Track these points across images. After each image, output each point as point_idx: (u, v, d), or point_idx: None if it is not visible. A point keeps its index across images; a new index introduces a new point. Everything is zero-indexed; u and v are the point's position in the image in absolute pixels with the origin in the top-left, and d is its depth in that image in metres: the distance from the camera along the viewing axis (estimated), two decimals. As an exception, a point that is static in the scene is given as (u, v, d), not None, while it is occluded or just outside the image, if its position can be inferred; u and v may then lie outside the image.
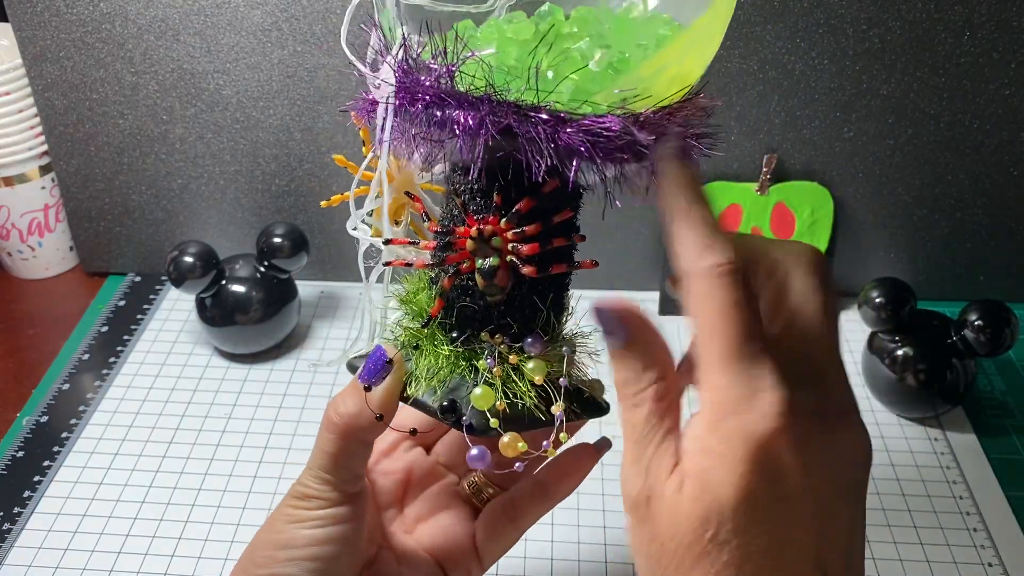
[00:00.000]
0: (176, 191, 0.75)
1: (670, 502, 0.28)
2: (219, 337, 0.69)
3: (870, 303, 0.62)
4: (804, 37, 0.66)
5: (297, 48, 0.68)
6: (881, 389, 0.64)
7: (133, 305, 0.76)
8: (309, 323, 0.74)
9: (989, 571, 0.54)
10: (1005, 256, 0.74)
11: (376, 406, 0.35)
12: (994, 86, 0.67)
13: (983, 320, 0.59)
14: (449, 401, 0.35)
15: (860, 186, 0.72)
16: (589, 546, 0.55)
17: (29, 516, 0.56)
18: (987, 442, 0.63)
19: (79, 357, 0.70)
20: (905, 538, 0.56)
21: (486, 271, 0.34)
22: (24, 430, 0.63)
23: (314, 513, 0.38)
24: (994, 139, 0.69)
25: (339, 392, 0.38)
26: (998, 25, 0.65)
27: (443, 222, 0.36)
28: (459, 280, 0.35)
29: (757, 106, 0.68)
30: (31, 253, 0.78)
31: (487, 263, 0.34)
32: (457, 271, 0.35)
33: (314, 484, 0.38)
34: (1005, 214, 0.72)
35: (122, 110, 0.71)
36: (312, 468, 0.38)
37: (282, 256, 0.68)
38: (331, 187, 0.74)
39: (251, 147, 0.72)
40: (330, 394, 0.67)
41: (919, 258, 0.75)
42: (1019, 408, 0.67)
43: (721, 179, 0.71)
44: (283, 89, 0.70)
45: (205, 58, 0.69)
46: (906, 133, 0.69)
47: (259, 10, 0.67)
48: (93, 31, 0.68)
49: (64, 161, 0.74)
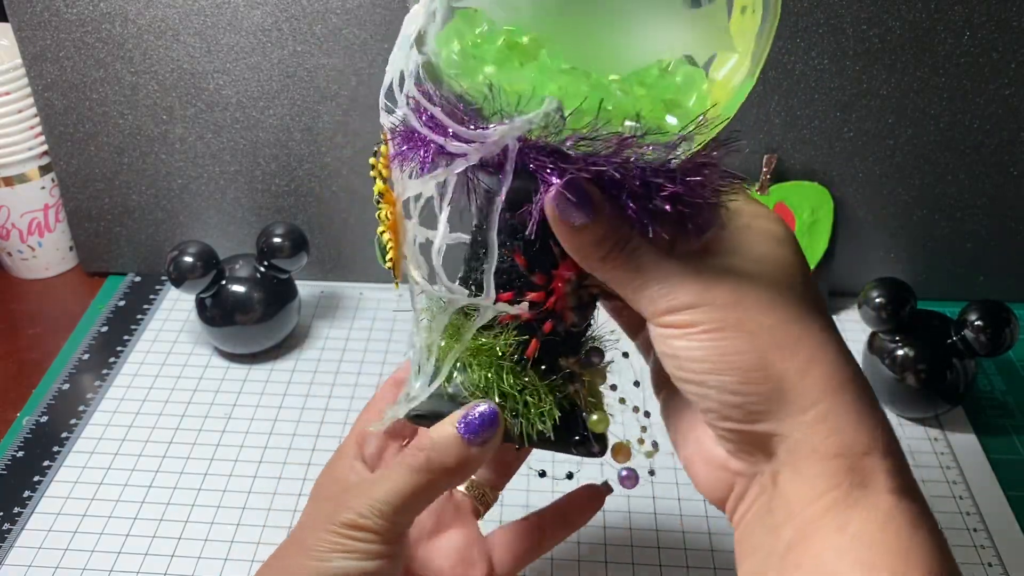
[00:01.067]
0: (176, 191, 0.75)
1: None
2: (219, 337, 0.69)
3: (870, 303, 0.62)
4: (804, 37, 0.66)
5: (297, 48, 0.68)
6: (881, 389, 0.64)
7: (133, 305, 0.76)
8: (309, 323, 0.74)
9: (989, 571, 0.54)
10: (1005, 256, 0.74)
11: (479, 461, 0.36)
12: (994, 86, 0.67)
13: (983, 320, 0.59)
14: (595, 435, 0.37)
15: (860, 186, 0.72)
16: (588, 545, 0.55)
17: (29, 516, 0.56)
18: (987, 442, 0.63)
19: (79, 357, 0.70)
20: (905, 538, 0.56)
21: (584, 307, 0.37)
22: (24, 430, 0.63)
23: (368, 547, 0.35)
24: (994, 139, 0.69)
25: (426, 436, 0.36)
26: (998, 25, 0.65)
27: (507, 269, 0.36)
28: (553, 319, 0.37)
29: (757, 106, 0.68)
30: (31, 253, 0.78)
31: (583, 299, 0.36)
32: (555, 313, 0.36)
33: (374, 517, 0.35)
34: (1005, 214, 0.72)
35: (122, 110, 0.71)
36: (375, 500, 0.36)
37: (282, 256, 0.68)
38: (331, 187, 0.74)
39: (251, 147, 0.72)
40: (329, 394, 0.67)
41: (919, 258, 0.75)
42: (1019, 408, 0.67)
43: (721, 179, 0.71)
44: (283, 89, 0.70)
45: (205, 58, 0.69)
46: (906, 133, 0.69)
47: (259, 10, 0.67)
48: (93, 31, 0.68)
49: (64, 161, 0.74)
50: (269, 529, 0.56)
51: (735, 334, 0.31)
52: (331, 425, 0.64)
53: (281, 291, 0.69)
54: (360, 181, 0.73)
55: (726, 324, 0.31)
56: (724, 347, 0.31)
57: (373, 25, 0.67)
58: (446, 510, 0.44)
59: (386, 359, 0.70)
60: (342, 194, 0.74)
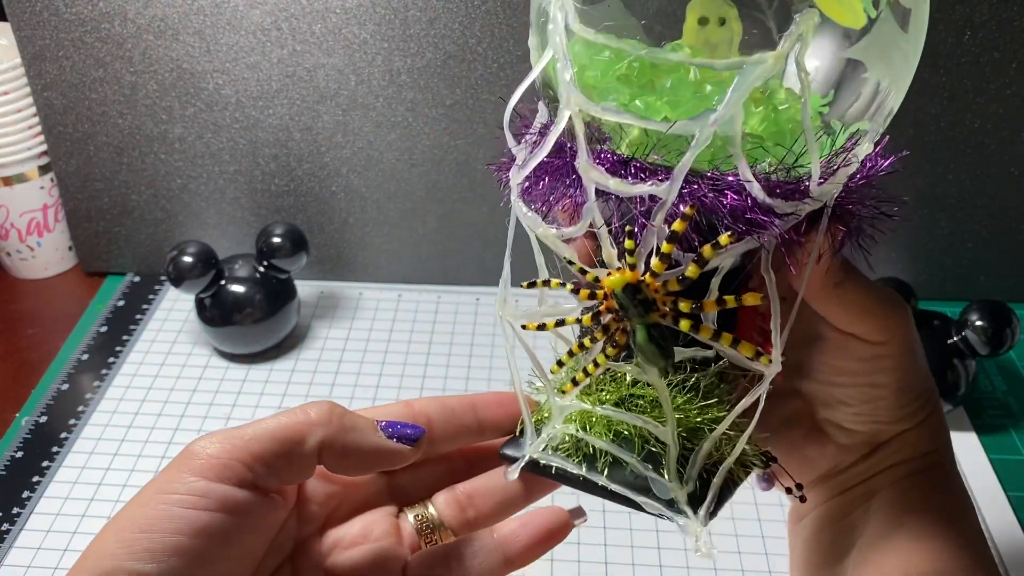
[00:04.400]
0: (175, 191, 0.75)
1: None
2: (218, 337, 0.69)
3: (870, 303, 0.62)
4: (804, 37, 0.66)
5: (296, 48, 0.68)
6: (881, 389, 0.64)
7: (132, 305, 0.76)
8: (308, 323, 0.74)
9: (990, 571, 0.54)
10: (1006, 256, 0.74)
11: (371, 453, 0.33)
12: (994, 86, 0.67)
13: (984, 320, 0.59)
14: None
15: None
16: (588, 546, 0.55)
17: (28, 516, 0.56)
18: (987, 442, 0.63)
19: (78, 357, 0.69)
20: (906, 538, 0.56)
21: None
22: (23, 430, 0.63)
23: (217, 489, 0.31)
24: (994, 139, 0.69)
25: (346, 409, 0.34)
26: (998, 25, 0.64)
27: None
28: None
29: (757, 106, 0.68)
30: (30, 253, 0.78)
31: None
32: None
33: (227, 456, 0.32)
34: (1006, 214, 0.72)
35: (121, 110, 0.71)
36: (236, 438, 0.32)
37: (281, 256, 0.68)
38: (331, 187, 0.74)
39: (250, 147, 0.72)
40: (329, 394, 0.67)
41: (919, 258, 0.75)
42: (1020, 408, 0.67)
43: (721, 179, 0.71)
44: (282, 89, 0.70)
45: (204, 58, 0.69)
46: (907, 133, 0.69)
47: (258, 9, 0.67)
48: (92, 30, 0.68)
49: (63, 161, 0.74)
50: (269, 529, 0.56)
51: (915, 355, 0.38)
52: (331, 425, 0.64)
53: (280, 291, 0.69)
54: (360, 181, 0.73)
55: (909, 348, 0.37)
56: (907, 365, 0.37)
57: (373, 25, 0.67)
58: (377, 523, 0.37)
59: (386, 359, 0.70)
60: (342, 194, 0.74)
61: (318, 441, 0.32)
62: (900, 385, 0.38)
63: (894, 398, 0.38)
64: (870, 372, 0.38)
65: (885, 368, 0.37)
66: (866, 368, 0.37)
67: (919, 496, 0.38)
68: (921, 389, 0.39)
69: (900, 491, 0.38)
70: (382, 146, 0.71)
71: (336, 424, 0.33)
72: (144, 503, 0.31)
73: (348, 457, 0.33)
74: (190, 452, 0.32)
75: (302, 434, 0.32)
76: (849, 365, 0.38)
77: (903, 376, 0.38)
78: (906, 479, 0.39)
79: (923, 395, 0.39)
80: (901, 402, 0.38)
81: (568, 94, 0.29)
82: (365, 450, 0.33)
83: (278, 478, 0.32)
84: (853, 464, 0.40)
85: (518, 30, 0.66)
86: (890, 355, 0.37)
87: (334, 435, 0.33)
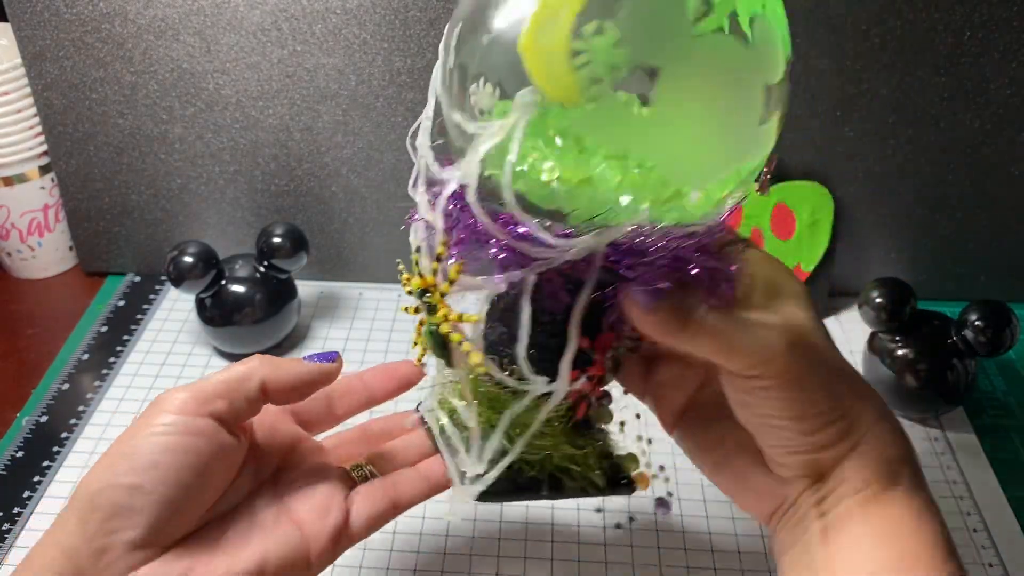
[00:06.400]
0: (175, 191, 0.75)
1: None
2: (219, 337, 0.69)
3: (870, 303, 0.62)
4: (804, 37, 0.66)
5: (297, 48, 0.68)
6: (881, 389, 0.64)
7: (133, 305, 0.76)
8: (309, 323, 0.74)
9: (989, 571, 0.54)
10: (1005, 256, 0.74)
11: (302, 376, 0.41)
12: (994, 86, 0.67)
13: (983, 320, 0.59)
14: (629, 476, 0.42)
15: (860, 186, 0.72)
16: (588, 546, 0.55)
17: (29, 516, 0.56)
18: (987, 442, 0.63)
19: (79, 357, 0.70)
20: (905, 538, 0.56)
21: (617, 368, 0.41)
22: (24, 430, 0.63)
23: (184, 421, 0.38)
24: (994, 139, 0.69)
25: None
26: (998, 25, 0.65)
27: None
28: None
29: (757, 106, 0.68)
30: (30, 253, 0.78)
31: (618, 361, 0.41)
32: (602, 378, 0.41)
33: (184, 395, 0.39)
34: (1005, 214, 0.72)
35: (121, 110, 0.71)
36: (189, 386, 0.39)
37: (282, 256, 0.68)
38: (331, 187, 0.74)
39: (251, 147, 0.72)
40: (330, 394, 0.67)
41: (919, 258, 0.75)
42: (1020, 408, 0.67)
43: (721, 179, 0.71)
44: (283, 89, 0.70)
45: (204, 58, 0.69)
46: (906, 133, 0.69)
47: (258, 10, 0.67)
48: (92, 31, 0.68)
49: (63, 161, 0.74)
50: (269, 529, 0.56)
51: (812, 383, 0.36)
52: (331, 425, 0.64)
53: (281, 291, 0.69)
54: (360, 181, 0.73)
55: (802, 376, 0.36)
56: (802, 396, 0.36)
57: (373, 25, 0.67)
58: (318, 472, 0.44)
59: (386, 358, 0.70)
60: (342, 194, 0.74)
61: (261, 378, 0.40)
62: (797, 414, 0.36)
63: (796, 427, 0.36)
64: (758, 404, 0.37)
65: (771, 399, 0.36)
66: (753, 400, 0.37)
67: (862, 526, 0.36)
68: (833, 415, 0.36)
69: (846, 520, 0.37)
70: (382, 146, 0.71)
71: (270, 363, 0.41)
72: (125, 439, 0.38)
73: (286, 385, 0.41)
74: (160, 399, 0.39)
75: (247, 374, 0.40)
76: (740, 397, 0.38)
77: (794, 406, 0.36)
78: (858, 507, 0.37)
79: (842, 420, 0.37)
80: (806, 430, 0.36)
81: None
82: (298, 374, 0.41)
83: (234, 412, 0.39)
84: (801, 495, 0.38)
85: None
86: (771, 387, 0.36)
87: (270, 371, 0.40)
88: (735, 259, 0.36)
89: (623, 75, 0.31)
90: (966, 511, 0.58)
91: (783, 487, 0.39)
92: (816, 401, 0.36)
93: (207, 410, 0.38)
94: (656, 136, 0.32)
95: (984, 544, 0.56)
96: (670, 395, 0.43)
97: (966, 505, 0.58)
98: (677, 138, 0.33)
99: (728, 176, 0.34)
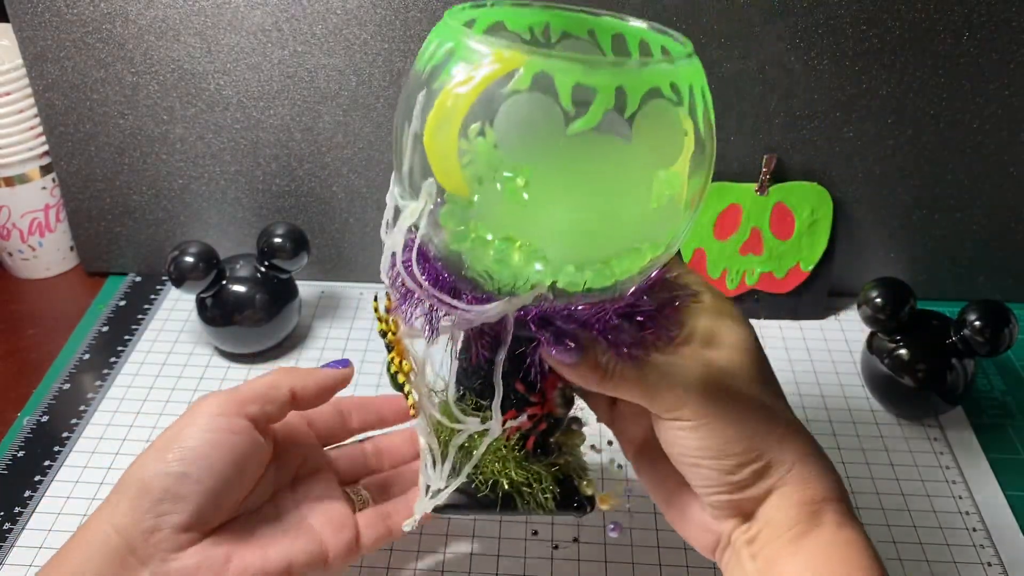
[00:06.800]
0: (176, 191, 0.75)
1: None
2: (219, 337, 0.69)
3: (870, 303, 0.62)
4: (804, 37, 0.66)
5: (297, 48, 0.68)
6: (881, 389, 0.64)
7: (134, 305, 0.76)
8: (309, 323, 0.74)
9: (989, 571, 0.54)
10: (1005, 256, 0.75)
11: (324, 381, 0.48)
12: (994, 86, 0.67)
13: (983, 320, 0.59)
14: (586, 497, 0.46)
15: (860, 186, 0.72)
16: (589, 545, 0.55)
17: (30, 516, 0.56)
18: (987, 442, 0.63)
19: (80, 357, 0.70)
20: (905, 538, 0.56)
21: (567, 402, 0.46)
22: (25, 430, 0.63)
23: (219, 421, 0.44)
24: (994, 139, 0.69)
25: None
26: (998, 25, 0.65)
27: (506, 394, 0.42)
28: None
29: (757, 106, 0.69)
30: (32, 253, 0.79)
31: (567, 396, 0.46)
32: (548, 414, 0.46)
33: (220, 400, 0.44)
34: (1005, 214, 0.72)
35: (122, 110, 0.71)
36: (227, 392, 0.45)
37: (282, 256, 0.68)
38: (331, 187, 0.74)
39: (251, 147, 0.73)
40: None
41: (919, 258, 0.75)
42: (1019, 408, 0.67)
43: (721, 179, 0.72)
44: (283, 89, 0.70)
45: (205, 58, 0.69)
46: (906, 133, 0.69)
47: (259, 10, 0.67)
48: (94, 31, 0.68)
49: (65, 161, 0.74)
50: (269, 529, 0.56)
51: (724, 425, 0.38)
52: (331, 425, 0.64)
53: (281, 291, 0.69)
54: (361, 181, 0.73)
55: (716, 418, 0.38)
56: (718, 437, 0.38)
57: (373, 25, 0.67)
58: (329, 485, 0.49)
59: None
60: (342, 194, 0.74)
61: (289, 385, 0.46)
62: (714, 455, 0.39)
63: (715, 466, 0.39)
64: (680, 444, 0.39)
65: (690, 440, 0.39)
66: (675, 441, 0.39)
67: (792, 566, 0.38)
68: (749, 456, 0.39)
69: (777, 561, 0.38)
70: (383, 146, 0.72)
71: (294, 372, 0.47)
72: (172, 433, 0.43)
73: (311, 391, 0.47)
74: (201, 402, 0.44)
75: (276, 382, 0.46)
76: (665, 437, 0.40)
77: (711, 447, 0.38)
78: (786, 546, 0.38)
79: (758, 461, 0.39)
80: (725, 469, 0.39)
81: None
82: (321, 380, 0.47)
83: (265, 415, 0.45)
84: (734, 532, 0.40)
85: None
86: (688, 428, 0.38)
87: (297, 378, 0.47)
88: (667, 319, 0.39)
89: (506, 173, 0.34)
90: (965, 511, 0.58)
91: (718, 524, 0.41)
92: (732, 442, 0.38)
93: (244, 412, 0.44)
94: (536, 222, 0.35)
95: (983, 543, 0.56)
96: (630, 428, 0.46)
97: (965, 505, 0.58)
98: (555, 225, 0.35)
99: (626, 254, 0.37)
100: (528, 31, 0.41)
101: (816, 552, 0.38)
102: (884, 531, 0.56)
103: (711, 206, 0.72)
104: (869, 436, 0.64)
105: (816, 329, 0.74)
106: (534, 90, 0.32)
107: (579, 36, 0.41)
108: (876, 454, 0.62)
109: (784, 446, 0.39)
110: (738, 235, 0.72)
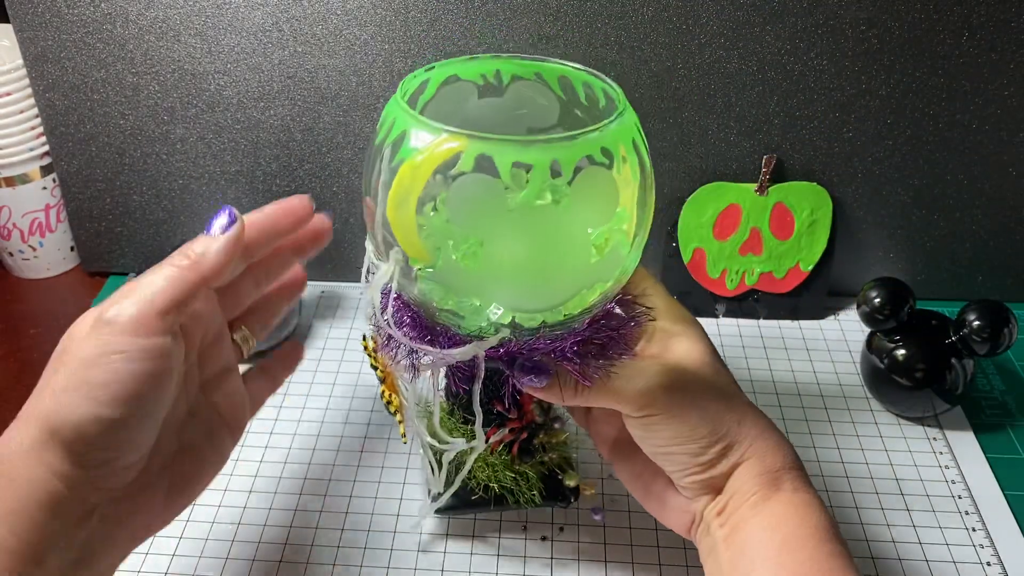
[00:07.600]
0: (177, 191, 0.75)
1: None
2: (220, 337, 0.69)
3: (869, 303, 0.62)
4: (804, 37, 0.66)
5: (298, 49, 0.68)
6: (880, 389, 0.65)
7: (134, 305, 0.76)
8: (309, 323, 0.74)
9: (988, 570, 0.54)
10: (1004, 256, 0.75)
11: (224, 252, 0.42)
12: (994, 86, 0.67)
13: (982, 320, 0.60)
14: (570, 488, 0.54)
15: (859, 186, 0.72)
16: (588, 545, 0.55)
17: (31, 515, 0.56)
18: (986, 442, 0.63)
19: (80, 357, 0.70)
20: (904, 537, 0.56)
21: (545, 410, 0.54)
22: (25, 430, 0.63)
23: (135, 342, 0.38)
24: (994, 139, 0.69)
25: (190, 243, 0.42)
26: (997, 25, 0.65)
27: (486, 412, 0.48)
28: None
29: (757, 106, 0.69)
30: (32, 253, 0.79)
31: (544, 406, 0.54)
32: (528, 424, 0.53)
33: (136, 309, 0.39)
34: (1004, 214, 0.73)
35: (123, 110, 0.71)
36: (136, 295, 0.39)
37: (283, 256, 0.68)
38: (331, 187, 0.74)
39: (252, 147, 0.73)
40: (330, 394, 0.67)
41: (918, 258, 0.75)
42: (1018, 408, 0.67)
43: (720, 179, 0.72)
44: (284, 90, 0.70)
45: (206, 59, 0.69)
46: (905, 133, 0.69)
47: (260, 11, 0.67)
48: (94, 32, 0.68)
49: (65, 161, 0.74)
50: (270, 528, 0.56)
51: (689, 414, 0.43)
52: (331, 424, 0.64)
53: (282, 291, 0.69)
54: (361, 181, 0.73)
55: (681, 408, 0.43)
56: (685, 425, 0.43)
57: (374, 26, 0.67)
58: (226, 353, 0.47)
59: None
60: (342, 194, 0.74)
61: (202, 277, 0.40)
62: (683, 441, 0.43)
63: (685, 451, 0.44)
64: (652, 437, 0.44)
65: (661, 431, 0.43)
66: (648, 434, 0.44)
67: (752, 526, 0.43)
68: (715, 438, 0.43)
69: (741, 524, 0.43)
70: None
71: (197, 264, 0.41)
72: (91, 360, 0.38)
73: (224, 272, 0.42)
74: (108, 318, 0.39)
75: (187, 278, 0.40)
76: (638, 433, 0.45)
77: (680, 434, 0.43)
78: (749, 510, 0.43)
79: (722, 440, 0.43)
80: (694, 452, 0.43)
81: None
82: (229, 252, 0.42)
83: (181, 320, 0.40)
84: (706, 508, 0.45)
85: (518, 32, 0.67)
86: (658, 422, 0.43)
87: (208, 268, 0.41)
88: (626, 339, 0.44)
89: (460, 243, 0.39)
90: (964, 510, 0.58)
91: (692, 504, 0.46)
92: (698, 428, 0.43)
93: (163, 327, 0.39)
94: (489, 283, 0.40)
95: (982, 543, 0.56)
96: (604, 429, 0.51)
97: (964, 504, 0.58)
98: (506, 284, 0.40)
99: (576, 295, 0.40)
100: (480, 78, 0.45)
101: (774, 512, 0.42)
102: (884, 530, 0.56)
103: (711, 206, 0.72)
104: (869, 436, 0.64)
105: (816, 329, 0.74)
106: (477, 170, 0.36)
107: (528, 78, 0.45)
108: (876, 454, 0.62)
109: (743, 426, 0.44)
110: (738, 235, 0.72)
